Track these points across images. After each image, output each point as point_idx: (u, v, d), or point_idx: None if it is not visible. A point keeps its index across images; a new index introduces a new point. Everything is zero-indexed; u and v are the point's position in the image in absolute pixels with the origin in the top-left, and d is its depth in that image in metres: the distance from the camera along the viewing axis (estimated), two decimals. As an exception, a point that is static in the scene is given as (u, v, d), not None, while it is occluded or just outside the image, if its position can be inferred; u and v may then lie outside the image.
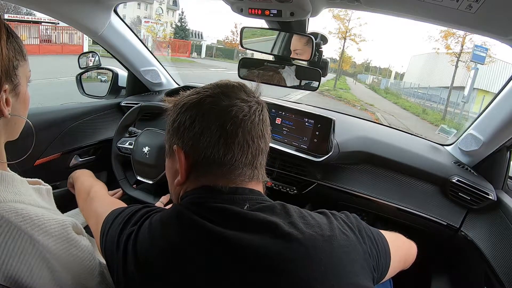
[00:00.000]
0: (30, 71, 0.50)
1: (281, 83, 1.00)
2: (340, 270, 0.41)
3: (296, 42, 0.93)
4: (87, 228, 0.62)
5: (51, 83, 6.80)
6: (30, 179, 0.54)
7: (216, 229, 0.41)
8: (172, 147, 0.49)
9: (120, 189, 1.07)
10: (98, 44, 1.23)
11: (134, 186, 1.10)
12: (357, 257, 0.44)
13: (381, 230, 0.54)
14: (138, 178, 1.05)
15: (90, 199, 0.77)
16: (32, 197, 0.48)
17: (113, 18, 1.16)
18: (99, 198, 0.76)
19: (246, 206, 0.44)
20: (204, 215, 0.43)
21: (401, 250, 0.60)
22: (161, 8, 23.97)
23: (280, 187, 1.13)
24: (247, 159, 0.46)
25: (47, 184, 0.58)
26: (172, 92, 1.34)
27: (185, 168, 0.47)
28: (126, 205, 0.59)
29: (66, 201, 0.90)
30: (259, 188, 0.50)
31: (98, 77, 1.51)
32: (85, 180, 0.91)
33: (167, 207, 0.76)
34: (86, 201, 0.78)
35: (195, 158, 0.46)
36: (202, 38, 26.40)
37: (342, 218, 0.48)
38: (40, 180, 0.58)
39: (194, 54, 22.69)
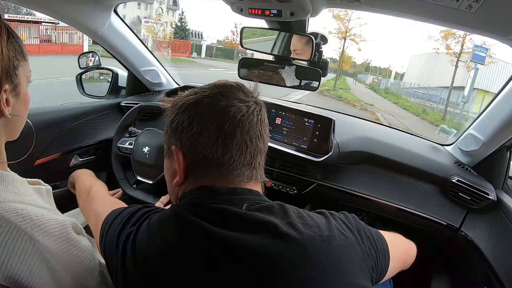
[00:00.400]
0: (30, 71, 0.50)
1: (281, 83, 1.00)
2: (338, 270, 0.41)
3: (296, 42, 0.93)
4: (87, 228, 0.62)
5: (51, 83, 6.80)
6: (30, 179, 0.54)
7: (215, 230, 0.41)
8: (170, 148, 0.49)
9: (120, 189, 1.07)
10: (98, 44, 1.23)
11: (134, 186, 1.10)
12: (356, 257, 0.44)
13: (380, 230, 0.54)
14: (138, 178, 1.05)
15: (90, 199, 0.78)
16: (32, 197, 0.48)
17: (113, 18, 1.17)
18: (99, 198, 0.76)
19: (244, 206, 0.44)
20: (202, 216, 0.43)
21: (400, 250, 0.60)
22: (161, 8, 23.96)
23: (280, 187, 1.13)
24: (245, 159, 0.46)
25: (47, 184, 0.58)
26: (172, 92, 1.34)
27: (183, 168, 0.47)
28: (126, 205, 0.59)
29: (66, 201, 0.91)
30: (258, 188, 0.50)
31: (101, 77, 1.51)
32: (85, 180, 0.91)
33: (167, 207, 0.76)
34: (87, 200, 0.78)
35: (194, 159, 0.46)
36: (202, 38, 26.38)
37: (341, 218, 0.48)
38: (40, 180, 0.58)
39: (194, 54, 22.67)
